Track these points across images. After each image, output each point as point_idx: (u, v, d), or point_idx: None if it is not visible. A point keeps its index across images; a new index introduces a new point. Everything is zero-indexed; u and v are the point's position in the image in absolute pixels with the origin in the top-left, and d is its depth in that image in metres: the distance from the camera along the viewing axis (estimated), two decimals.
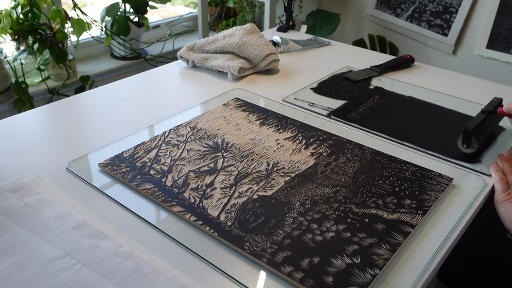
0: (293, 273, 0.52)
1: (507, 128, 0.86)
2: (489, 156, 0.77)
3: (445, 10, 1.88)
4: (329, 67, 1.14)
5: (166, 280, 0.51)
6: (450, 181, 0.69)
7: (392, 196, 0.66)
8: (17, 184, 0.65)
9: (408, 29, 2.02)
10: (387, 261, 0.54)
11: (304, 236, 0.58)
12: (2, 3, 1.62)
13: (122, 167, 0.70)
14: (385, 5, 2.10)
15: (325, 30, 2.09)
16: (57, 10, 1.60)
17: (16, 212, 0.60)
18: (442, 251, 0.58)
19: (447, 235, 0.60)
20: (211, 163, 0.72)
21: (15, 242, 0.56)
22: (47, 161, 0.73)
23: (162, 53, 2.11)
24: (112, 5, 1.86)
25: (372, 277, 0.52)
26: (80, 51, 1.98)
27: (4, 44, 1.65)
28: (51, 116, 0.90)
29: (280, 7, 2.26)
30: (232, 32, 1.14)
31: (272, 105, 0.93)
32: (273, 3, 1.92)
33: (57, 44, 1.65)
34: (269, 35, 1.30)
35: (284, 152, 0.76)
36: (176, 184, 0.67)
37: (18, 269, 0.52)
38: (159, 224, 0.60)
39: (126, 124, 0.85)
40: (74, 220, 0.59)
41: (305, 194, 0.66)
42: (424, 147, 0.79)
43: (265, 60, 1.06)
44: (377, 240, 0.57)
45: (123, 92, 0.99)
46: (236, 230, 0.58)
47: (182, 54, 1.11)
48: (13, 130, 0.82)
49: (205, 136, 0.79)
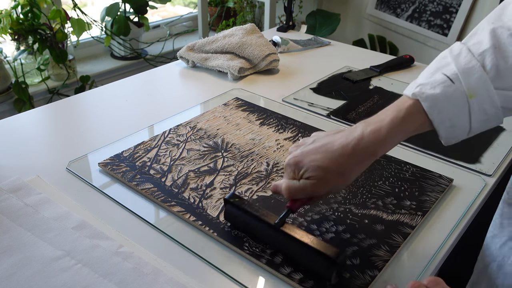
0: (292, 274, 0.52)
1: (507, 128, 0.86)
2: (489, 156, 0.77)
3: (445, 10, 1.88)
4: (329, 67, 1.14)
5: (166, 280, 0.51)
6: (450, 182, 0.69)
7: (391, 197, 0.66)
8: (17, 184, 0.65)
9: (408, 29, 2.02)
10: (386, 262, 0.54)
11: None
12: (2, 3, 1.62)
13: (122, 166, 0.70)
14: (385, 5, 2.10)
15: (325, 30, 2.09)
16: (57, 10, 1.60)
17: (16, 212, 0.60)
18: (442, 251, 0.58)
19: (447, 235, 0.60)
20: (211, 163, 0.72)
21: (15, 242, 0.56)
22: (47, 161, 0.73)
23: (162, 53, 2.11)
24: (112, 5, 1.86)
25: (371, 278, 0.52)
26: (80, 51, 1.98)
27: (4, 44, 1.65)
28: (51, 116, 0.90)
29: (280, 7, 2.26)
30: (232, 32, 1.14)
31: (272, 105, 0.93)
32: (273, 3, 1.92)
33: (57, 44, 1.65)
34: (269, 35, 1.30)
35: (284, 152, 0.76)
36: (176, 184, 0.67)
37: (18, 269, 0.52)
38: (159, 224, 0.60)
39: (126, 124, 0.85)
40: (74, 220, 0.59)
41: None
42: (424, 147, 0.79)
43: (265, 60, 1.06)
44: (377, 241, 0.57)
45: (123, 92, 0.99)
46: (236, 231, 0.58)
47: (182, 54, 1.11)
48: (13, 130, 0.82)
49: (205, 136, 0.79)
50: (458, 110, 0.48)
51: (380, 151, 0.51)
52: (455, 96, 0.48)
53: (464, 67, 0.48)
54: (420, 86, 0.49)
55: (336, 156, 0.51)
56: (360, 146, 0.50)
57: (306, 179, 0.52)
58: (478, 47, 0.48)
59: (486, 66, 0.47)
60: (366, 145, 0.50)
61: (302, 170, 0.52)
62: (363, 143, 0.50)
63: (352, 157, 0.50)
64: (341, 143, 0.51)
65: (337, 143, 0.51)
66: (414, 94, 0.49)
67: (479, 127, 0.50)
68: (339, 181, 0.52)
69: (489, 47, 0.47)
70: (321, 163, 0.51)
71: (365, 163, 0.52)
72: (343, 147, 0.51)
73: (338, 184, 0.53)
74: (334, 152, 0.51)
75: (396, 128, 0.50)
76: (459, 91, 0.47)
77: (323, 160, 0.51)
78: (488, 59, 0.47)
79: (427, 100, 0.48)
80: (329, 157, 0.51)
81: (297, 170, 0.53)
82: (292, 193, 0.54)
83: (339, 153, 0.51)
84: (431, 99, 0.48)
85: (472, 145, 0.81)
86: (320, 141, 0.53)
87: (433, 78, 0.49)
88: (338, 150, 0.51)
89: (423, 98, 0.48)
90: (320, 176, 0.51)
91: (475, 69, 0.47)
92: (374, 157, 0.51)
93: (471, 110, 0.48)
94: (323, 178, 0.51)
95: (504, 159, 0.77)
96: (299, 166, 0.52)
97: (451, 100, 0.48)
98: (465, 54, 0.48)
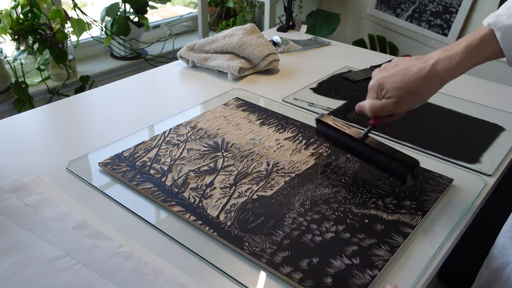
0: (292, 274, 0.52)
1: (507, 128, 0.86)
2: (489, 156, 0.77)
3: (445, 10, 1.88)
4: (329, 67, 1.14)
5: (166, 280, 0.51)
6: (450, 182, 0.69)
7: (392, 196, 0.66)
8: (17, 184, 0.65)
9: (408, 29, 2.02)
10: (386, 262, 0.54)
11: (304, 237, 0.58)
12: (2, 3, 1.62)
13: (122, 166, 0.70)
14: (385, 5, 2.10)
15: (325, 30, 2.08)
16: (57, 10, 1.60)
17: (16, 212, 0.60)
18: (442, 251, 0.58)
19: (447, 235, 0.60)
20: (211, 163, 0.72)
21: (15, 242, 0.56)
22: (47, 161, 0.73)
23: (162, 53, 2.11)
24: (112, 5, 1.86)
25: (371, 278, 0.52)
26: (80, 51, 1.98)
27: (4, 44, 1.64)
28: (51, 116, 0.90)
29: (280, 7, 2.26)
30: (232, 32, 1.14)
31: (272, 105, 0.93)
32: (273, 3, 1.92)
33: (57, 44, 1.65)
34: (269, 35, 1.30)
35: (284, 152, 0.76)
36: (176, 184, 0.67)
37: (18, 269, 0.52)
38: (159, 224, 0.60)
39: (126, 124, 0.85)
40: (74, 220, 0.59)
41: (305, 194, 0.66)
42: (424, 147, 0.79)
43: (265, 60, 1.06)
44: (377, 241, 0.57)
45: (123, 92, 0.99)
46: (236, 230, 0.58)
47: (182, 54, 1.11)
48: (13, 130, 0.82)
49: (205, 136, 0.79)
50: None
51: (452, 74, 0.57)
52: None
53: None
54: (496, 17, 0.53)
55: (414, 78, 0.57)
56: (434, 70, 0.56)
57: (388, 98, 0.60)
58: None
59: None
60: (440, 70, 0.56)
61: (384, 91, 0.60)
62: (437, 68, 0.57)
63: (427, 79, 0.57)
64: (418, 67, 0.57)
65: (415, 67, 0.58)
66: (489, 24, 0.53)
67: None
68: (416, 100, 0.59)
69: None
70: (400, 84, 0.58)
71: (439, 85, 0.58)
72: (420, 71, 0.57)
73: (415, 103, 0.60)
74: (411, 75, 0.58)
75: (469, 55, 0.55)
76: None
77: (401, 82, 0.58)
78: None
79: (500, 30, 0.52)
80: (407, 79, 0.58)
81: (379, 91, 0.61)
82: (375, 111, 0.63)
83: (416, 76, 0.57)
84: (505, 29, 0.52)
85: (472, 145, 0.81)
86: (401, 65, 0.59)
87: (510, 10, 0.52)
88: (415, 73, 0.57)
89: (497, 28, 0.52)
90: (400, 95, 0.59)
91: None
92: (447, 79, 0.57)
93: None
94: (402, 97, 0.59)
95: (504, 159, 0.77)
96: (381, 87, 0.60)
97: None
98: None
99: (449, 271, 1.32)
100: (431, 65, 0.57)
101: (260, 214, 0.61)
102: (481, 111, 0.92)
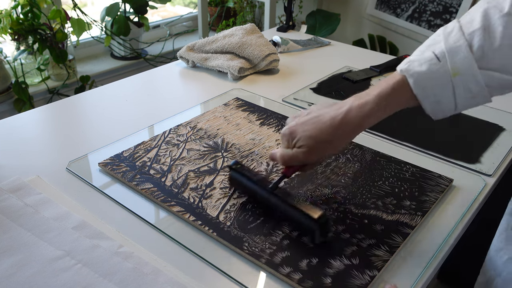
0: (291, 274, 0.52)
1: (507, 128, 0.86)
2: (489, 156, 0.77)
3: (445, 10, 1.88)
4: (329, 67, 1.14)
5: (166, 280, 0.51)
6: (450, 182, 0.69)
7: (391, 197, 0.66)
8: (17, 184, 0.65)
9: (408, 29, 2.02)
10: (386, 262, 0.54)
11: (303, 237, 0.58)
12: (2, 3, 1.62)
13: (122, 166, 0.70)
14: (385, 5, 2.10)
15: (325, 30, 2.09)
16: (57, 10, 1.60)
17: (16, 212, 0.60)
18: (442, 251, 0.58)
19: (447, 235, 0.60)
20: (211, 163, 0.72)
21: (15, 242, 0.56)
22: (47, 161, 0.73)
23: (162, 53, 2.11)
24: (112, 5, 1.86)
25: (370, 279, 0.52)
26: (80, 51, 1.98)
27: (4, 44, 1.65)
28: (51, 116, 0.90)
29: (280, 7, 2.26)
30: (232, 32, 1.14)
31: (272, 105, 0.93)
32: (273, 3, 1.92)
33: (57, 44, 1.65)
34: (269, 35, 1.30)
35: None
36: (176, 184, 0.67)
37: (18, 269, 0.52)
38: (159, 224, 0.60)
39: (126, 124, 0.85)
40: (74, 220, 0.59)
41: (305, 194, 0.66)
42: (424, 147, 0.79)
43: (265, 60, 1.06)
44: (376, 241, 0.57)
45: (123, 92, 0.99)
46: (235, 231, 0.58)
47: (182, 54, 1.11)
48: (13, 130, 0.82)
49: (205, 136, 0.79)
50: (442, 87, 0.50)
51: (365, 123, 0.55)
52: (439, 74, 0.50)
53: (452, 46, 0.49)
54: (409, 63, 0.52)
55: (326, 127, 0.55)
56: (347, 119, 0.54)
57: (299, 147, 0.57)
58: (469, 26, 0.49)
59: (473, 46, 0.48)
60: (353, 118, 0.54)
61: (295, 140, 0.57)
62: (350, 116, 0.54)
63: (340, 128, 0.55)
64: (331, 116, 0.55)
65: (327, 116, 0.56)
66: (401, 70, 0.52)
67: (466, 104, 0.52)
68: (328, 150, 0.57)
69: (479, 27, 0.48)
70: (311, 133, 0.56)
71: (352, 134, 0.56)
72: (332, 119, 0.55)
73: (327, 153, 0.59)
74: (324, 124, 0.55)
75: (382, 102, 0.53)
76: (443, 69, 0.49)
77: (313, 131, 0.56)
78: (476, 39, 0.48)
79: (413, 77, 0.51)
80: (319, 128, 0.56)
81: (291, 140, 0.58)
82: (286, 160, 0.59)
83: (328, 124, 0.55)
84: (417, 76, 0.51)
85: (472, 145, 0.81)
86: (314, 113, 0.57)
87: (423, 56, 0.51)
88: (328, 121, 0.55)
89: (409, 75, 0.51)
90: (311, 145, 0.56)
91: (462, 48, 0.48)
92: (360, 129, 0.55)
93: (455, 88, 0.50)
94: (313, 147, 0.56)
95: (504, 159, 0.77)
96: (293, 136, 0.58)
97: (435, 77, 0.50)
98: (456, 32, 0.50)
99: (449, 271, 1.32)
100: (343, 113, 0.54)
101: (260, 214, 0.61)
102: (481, 111, 0.92)
